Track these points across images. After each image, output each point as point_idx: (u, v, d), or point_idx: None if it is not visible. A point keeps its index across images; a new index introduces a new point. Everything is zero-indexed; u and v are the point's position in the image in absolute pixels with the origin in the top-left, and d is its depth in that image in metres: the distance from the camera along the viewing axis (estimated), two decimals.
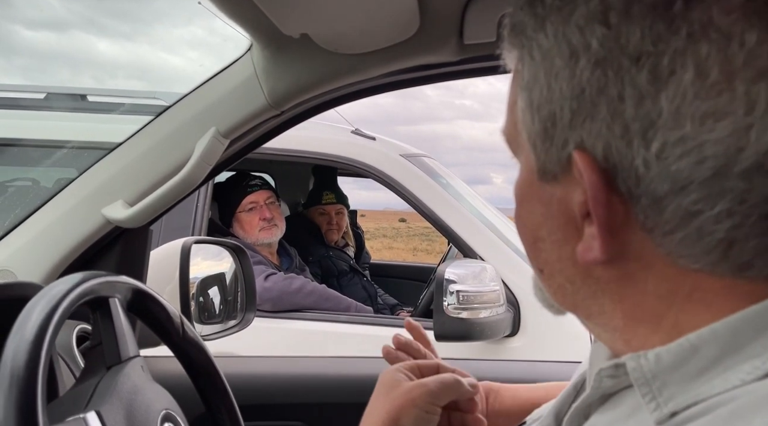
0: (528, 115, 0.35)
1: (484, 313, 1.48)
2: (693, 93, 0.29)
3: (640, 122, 0.30)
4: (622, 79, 0.30)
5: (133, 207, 0.88)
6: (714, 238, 0.30)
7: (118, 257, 0.94)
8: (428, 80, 0.90)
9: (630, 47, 0.30)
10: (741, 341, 0.31)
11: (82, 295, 0.58)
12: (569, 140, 0.33)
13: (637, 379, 0.33)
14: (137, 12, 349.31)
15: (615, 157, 0.31)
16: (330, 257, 2.44)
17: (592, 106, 0.31)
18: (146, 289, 0.70)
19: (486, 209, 2.05)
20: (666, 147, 0.30)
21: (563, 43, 0.33)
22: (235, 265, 1.28)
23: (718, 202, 0.29)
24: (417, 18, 0.77)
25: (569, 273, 0.36)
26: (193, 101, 0.88)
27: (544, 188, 0.36)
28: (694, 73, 0.29)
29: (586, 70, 0.32)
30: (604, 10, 0.31)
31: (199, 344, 0.77)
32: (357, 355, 1.44)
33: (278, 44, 0.80)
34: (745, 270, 0.31)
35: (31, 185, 2.47)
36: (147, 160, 0.88)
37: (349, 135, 1.99)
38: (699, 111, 0.29)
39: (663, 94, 0.30)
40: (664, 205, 0.31)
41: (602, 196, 0.32)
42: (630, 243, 0.33)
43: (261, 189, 2.09)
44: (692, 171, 0.29)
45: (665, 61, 0.29)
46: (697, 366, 0.31)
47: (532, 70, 0.35)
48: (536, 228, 0.37)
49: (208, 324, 1.27)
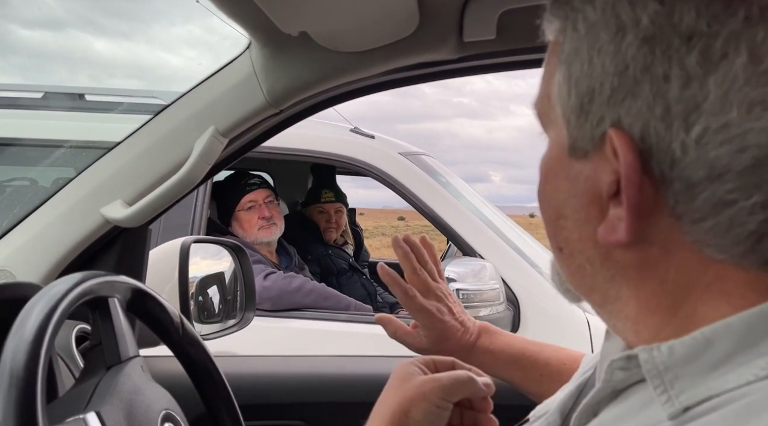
0: (565, 89, 0.34)
1: (484, 312, 1.48)
2: (744, 79, 0.28)
3: (684, 105, 0.29)
4: (670, 58, 0.30)
5: (131, 206, 0.88)
6: (745, 229, 0.30)
7: (117, 257, 0.93)
8: (427, 78, 0.89)
9: (683, 26, 0.29)
10: (756, 337, 0.30)
11: (81, 295, 0.57)
12: (606, 117, 0.32)
13: (649, 371, 0.33)
14: (134, 11, 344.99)
15: (652, 139, 0.31)
16: (329, 256, 2.44)
17: (635, 84, 0.31)
18: (146, 288, 0.70)
19: (485, 207, 2.05)
20: (707, 132, 0.29)
21: (611, 17, 0.32)
22: (235, 264, 1.28)
23: (755, 193, 0.29)
24: (416, 16, 0.76)
25: (589, 254, 0.35)
26: (192, 100, 0.87)
27: (573, 165, 0.35)
28: (748, 58, 0.28)
29: (632, 46, 0.31)
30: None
31: (199, 344, 0.77)
32: (357, 354, 1.44)
33: (277, 42, 0.80)
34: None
35: (30, 185, 2.46)
36: (146, 160, 0.88)
37: (347, 133, 1.99)
38: (748, 98, 0.28)
39: (712, 78, 0.29)
40: (697, 192, 0.30)
41: (636, 177, 0.31)
42: (656, 227, 0.32)
43: (260, 188, 2.08)
44: (732, 159, 0.29)
45: (718, 43, 0.29)
46: (710, 360, 0.31)
47: (574, 43, 0.34)
48: (560, 205, 0.36)
49: (208, 323, 1.26)
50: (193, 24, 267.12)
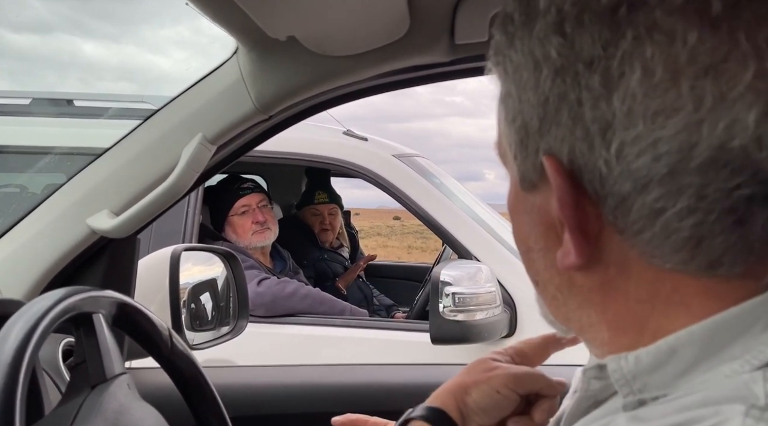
0: (506, 128, 0.37)
1: (481, 315, 1.46)
2: (642, 92, 0.30)
3: (598, 124, 0.31)
4: (579, 83, 0.32)
5: (119, 216, 0.86)
6: (680, 236, 0.31)
7: (105, 268, 0.91)
8: (420, 81, 0.88)
9: (584, 53, 0.32)
10: (719, 343, 0.31)
11: (63, 313, 0.55)
12: (540, 147, 0.34)
13: (617, 380, 0.34)
14: (122, 13, 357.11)
15: (579, 160, 0.32)
16: (324, 259, 2.43)
17: (556, 113, 0.33)
18: (132, 302, 0.68)
19: (480, 208, 2.03)
20: (624, 146, 0.31)
21: (529, 56, 0.34)
22: (227, 271, 1.26)
23: (679, 198, 0.30)
24: (407, 19, 0.75)
25: (557, 282, 0.37)
26: (179, 107, 0.86)
27: (527, 198, 0.37)
28: (642, 73, 0.30)
29: (548, 79, 0.33)
30: (560, 21, 0.33)
31: (188, 357, 0.75)
32: (354, 362, 1.42)
33: (264, 47, 0.78)
34: (715, 268, 0.31)
35: (19, 191, 2.43)
36: (132, 169, 0.86)
37: (340, 136, 1.97)
38: (649, 109, 0.30)
39: (615, 95, 0.31)
40: (630, 204, 0.31)
41: (569, 199, 0.33)
42: (606, 246, 0.34)
43: (253, 192, 2.06)
44: (650, 168, 0.30)
45: (615, 63, 0.31)
46: (676, 368, 0.32)
47: (506, 85, 0.36)
48: (526, 238, 0.38)
49: (201, 331, 1.24)
50: (182, 25, 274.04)
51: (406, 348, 1.66)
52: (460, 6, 0.75)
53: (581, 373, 0.39)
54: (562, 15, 0.33)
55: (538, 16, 0.34)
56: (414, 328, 1.72)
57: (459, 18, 0.76)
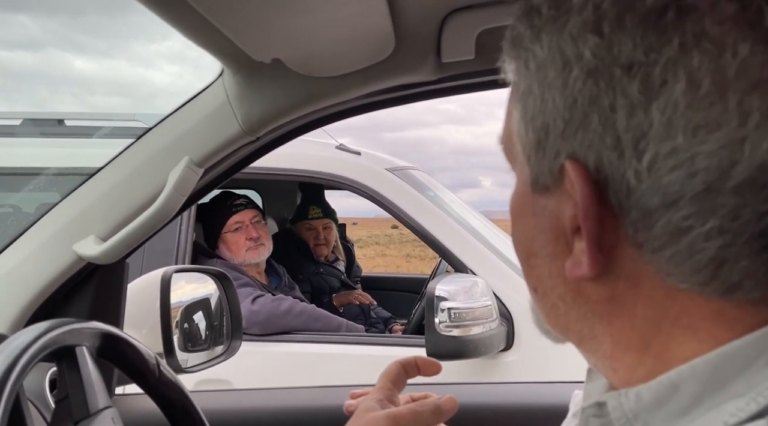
0: (522, 127, 0.35)
1: (477, 330, 1.45)
2: (685, 103, 0.28)
3: (632, 133, 0.30)
4: (614, 89, 0.30)
5: (106, 242, 0.85)
6: (704, 256, 0.29)
7: (93, 295, 0.90)
8: (407, 100, 0.87)
9: (622, 57, 0.30)
10: (722, 378, 0.30)
11: (43, 348, 0.54)
12: (561, 151, 0.32)
13: (618, 418, 0.32)
14: (112, 28, 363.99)
15: (606, 169, 0.31)
16: (320, 274, 2.41)
17: (584, 117, 0.31)
18: (117, 332, 0.67)
19: (476, 220, 2.03)
20: (658, 159, 0.29)
21: (557, 54, 0.32)
22: (219, 292, 1.25)
23: (710, 218, 0.29)
24: (392, 39, 0.74)
25: (561, 291, 0.35)
26: (165, 130, 0.85)
27: (537, 200, 0.35)
28: (686, 84, 0.28)
29: (578, 80, 0.31)
30: (597, 19, 0.31)
31: (177, 385, 0.74)
32: (351, 380, 1.41)
33: (250, 70, 0.78)
34: (733, 292, 0.30)
35: (12, 212, 2.42)
36: (119, 193, 0.85)
37: (333, 151, 1.97)
38: (691, 122, 0.28)
39: (654, 105, 0.29)
40: (654, 220, 0.30)
41: (593, 209, 0.31)
42: (619, 259, 0.32)
43: (246, 208, 2.05)
44: (684, 184, 0.29)
45: (657, 70, 0.29)
46: (679, 405, 0.31)
47: (527, 81, 0.34)
48: (530, 243, 0.36)
49: (194, 351, 1.23)
50: (172, 40, 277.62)
51: None
52: (445, 25, 0.75)
53: (580, 411, 0.37)
54: (600, 13, 0.31)
55: (571, 12, 0.32)
56: (411, 343, 1.70)
57: (445, 37, 0.76)
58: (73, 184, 0.88)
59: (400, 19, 0.71)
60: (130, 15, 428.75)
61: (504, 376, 1.58)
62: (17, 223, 2.21)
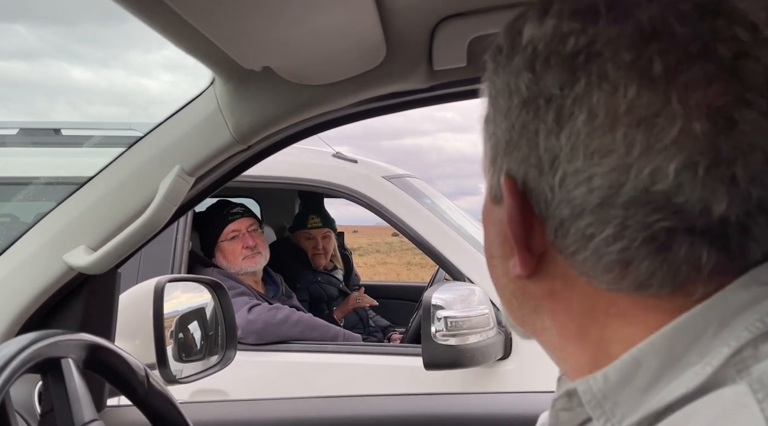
0: (484, 146, 0.41)
1: (474, 339, 1.44)
2: (585, 132, 0.34)
3: (548, 154, 0.35)
4: (538, 116, 0.35)
5: (96, 252, 0.84)
6: (610, 259, 0.34)
7: (85, 305, 0.89)
8: (399, 108, 0.87)
9: (545, 91, 0.35)
10: (679, 350, 0.33)
11: (27, 360, 0.53)
12: (503, 167, 0.38)
13: (589, 401, 0.35)
14: (108, 38, 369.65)
15: (531, 183, 0.36)
16: (318, 282, 2.40)
17: (518, 139, 0.37)
18: (104, 343, 0.66)
19: (473, 227, 2.02)
20: (566, 177, 0.34)
21: (506, 85, 0.38)
22: (214, 302, 1.24)
23: (606, 227, 0.34)
24: (383, 46, 0.74)
25: (512, 288, 0.41)
26: (156, 139, 0.84)
27: (494, 210, 0.41)
28: (587, 116, 0.34)
29: (516, 108, 0.37)
30: (533, 58, 0.36)
31: (166, 397, 0.73)
32: (347, 390, 1.39)
33: (240, 78, 0.77)
34: (645, 289, 0.34)
35: (10, 221, 2.41)
36: (109, 203, 0.84)
37: (330, 159, 1.96)
38: (589, 148, 0.33)
39: (564, 132, 0.34)
40: (567, 227, 0.35)
41: (517, 215, 0.37)
42: (551, 262, 0.37)
43: (243, 216, 2.05)
44: (584, 199, 0.34)
45: (568, 103, 0.34)
46: (642, 380, 0.34)
47: (488, 108, 0.40)
48: (490, 246, 0.42)
49: (189, 361, 1.22)
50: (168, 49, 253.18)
51: (401, 373, 1.63)
52: (437, 33, 0.75)
53: (550, 404, 0.39)
54: (536, 54, 0.36)
55: (519, 51, 0.37)
56: (408, 352, 1.69)
57: (436, 44, 0.75)
58: (69, 193, 0.88)
59: (391, 26, 0.71)
60: (126, 25, 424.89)
61: (501, 386, 1.57)
62: (14, 233, 2.20)
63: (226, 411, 1.13)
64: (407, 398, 1.12)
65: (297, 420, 1.08)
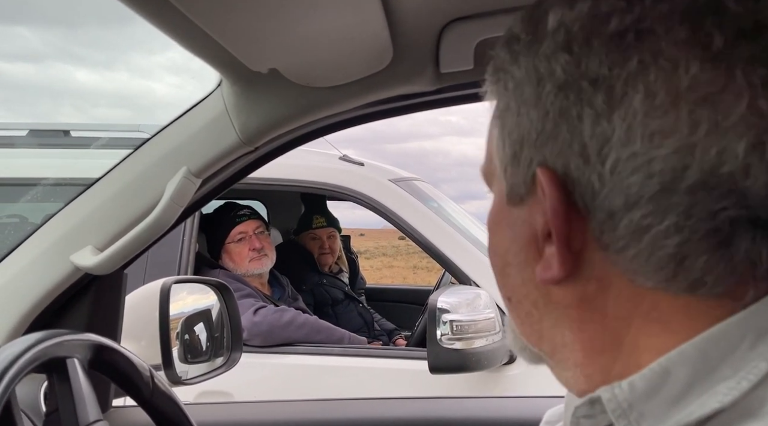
0: (500, 142, 0.38)
1: (480, 343, 1.43)
2: (643, 112, 0.31)
3: (596, 140, 0.32)
4: (581, 100, 0.33)
5: (103, 252, 0.84)
6: (665, 253, 0.32)
7: (91, 306, 0.90)
8: (405, 110, 0.87)
9: (589, 72, 0.33)
10: (712, 362, 0.31)
11: (33, 360, 0.54)
12: (534, 160, 0.35)
13: (614, 410, 0.33)
14: (111, 40, 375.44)
15: (574, 174, 0.33)
16: (323, 285, 2.40)
17: (555, 127, 0.34)
18: (110, 344, 0.66)
19: (479, 231, 2.01)
20: (619, 163, 0.32)
21: (532, 72, 0.35)
22: (220, 303, 1.24)
23: (666, 216, 0.31)
24: (390, 49, 0.74)
25: (533, 297, 0.37)
26: (163, 140, 0.85)
27: (512, 212, 0.38)
28: (644, 95, 0.31)
29: (550, 94, 0.34)
30: (568, 41, 0.34)
31: (171, 398, 0.73)
32: (352, 393, 1.39)
33: (247, 80, 0.77)
34: (697, 288, 0.32)
35: (19, 222, 2.43)
36: (116, 204, 0.85)
37: (337, 161, 1.96)
38: (648, 129, 0.31)
39: (617, 114, 0.32)
40: (617, 220, 0.32)
41: (562, 210, 0.34)
42: (588, 262, 0.34)
43: (250, 219, 2.05)
44: (642, 186, 0.31)
45: (619, 84, 0.32)
46: (671, 392, 0.32)
47: (505, 100, 0.37)
48: (504, 253, 0.39)
49: (195, 363, 1.22)
50: (172, 51, 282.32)
51: (406, 377, 1.63)
52: (444, 35, 0.74)
53: (569, 411, 0.37)
54: (571, 36, 0.34)
55: (546, 36, 0.35)
56: (413, 355, 1.69)
57: (443, 47, 0.75)
58: (76, 194, 0.88)
59: (398, 29, 0.71)
60: (130, 27, 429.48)
61: (507, 391, 1.56)
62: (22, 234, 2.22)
63: (230, 413, 1.13)
64: (412, 401, 1.12)
65: (301, 422, 1.08)
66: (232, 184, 0.92)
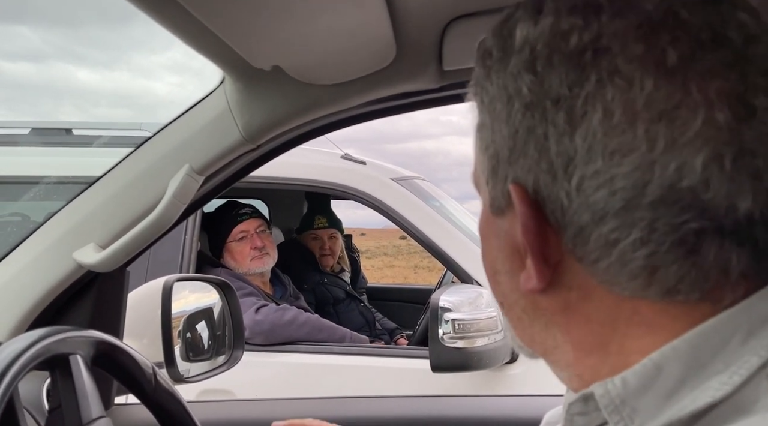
0: (480, 155, 0.39)
1: (481, 342, 1.43)
2: (602, 131, 0.32)
3: (561, 158, 0.33)
4: (546, 119, 0.34)
5: (105, 250, 0.84)
6: (636, 265, 0.32)
7: (93, 303, 0.90)
8: (409, 108, 0.87)
9: (552, 92, 0.34)
10: (703, 357, 0.32)
11: (36, 356, 0.54)
12: (508, 176, 0.36)
13: (606, 406, 0.34)
14: (112, 40, 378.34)
15: (543, 190, 0.34)
16: (325, 284, 2.40)
17: (524, 145, 0.35)
18: (112, 340, 0.66)
19: None
20: (584, 180, 0.33)
21: (503, 90, 0.36)
22: (222, 301, 1.24)
23: (632, 230, 0.32)
24: (393, 46, 0.74)
25: (522, 304, 0.38)
26: (166, 138, 0.85)
27: (496, 222, 0.39)
28: (602, 115, 0.32)
29: (518, 113, 0.35)
30: (532, 59, 0.35)
31: (173, 395, 0.73)
32: (354, 392, 1.39)
33: (250, 77, 0.77)
34: (673, 295, 0.33)
35: (21, 220, 2.43)
36: (119, 201, 0.85)
37: (338, 160, 1.96)
38: (608, 148, 0.32)
39: (578, 133, 0.33)
40: (587, 234, 0.33)
41: (532, 225, 0.35)
42: (567, 272, 0.35)
43: (251, 217, 2.05)
44: (606, 202, 0.32)
45: (579, 103, 0.33)
46: (664, 387, 0.32)
47: (482, 115, 0.38)
48: (494, 261, 0.40)
49: (196, 361, 1.22)
50: (173, 51, 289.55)
51: (408, 375, 1.63)
52: (447, 33, 0.74)
53: (565, 409, 0.38)
54: (535, 54, 0.35)
55: (513, 53, 0.36)
56: (415, 354, 1.69)
57: (446, 44, 0.75)
58: (79, 192, 0.88)
59: (402, 26, 0.71)
60: (131, 27, 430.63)
61: (509, 389, 1.56)
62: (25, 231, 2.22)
63: (232, 410, 1.13)
64: (413, 400, 1.12)
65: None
66: (234, 182, 0.92)
